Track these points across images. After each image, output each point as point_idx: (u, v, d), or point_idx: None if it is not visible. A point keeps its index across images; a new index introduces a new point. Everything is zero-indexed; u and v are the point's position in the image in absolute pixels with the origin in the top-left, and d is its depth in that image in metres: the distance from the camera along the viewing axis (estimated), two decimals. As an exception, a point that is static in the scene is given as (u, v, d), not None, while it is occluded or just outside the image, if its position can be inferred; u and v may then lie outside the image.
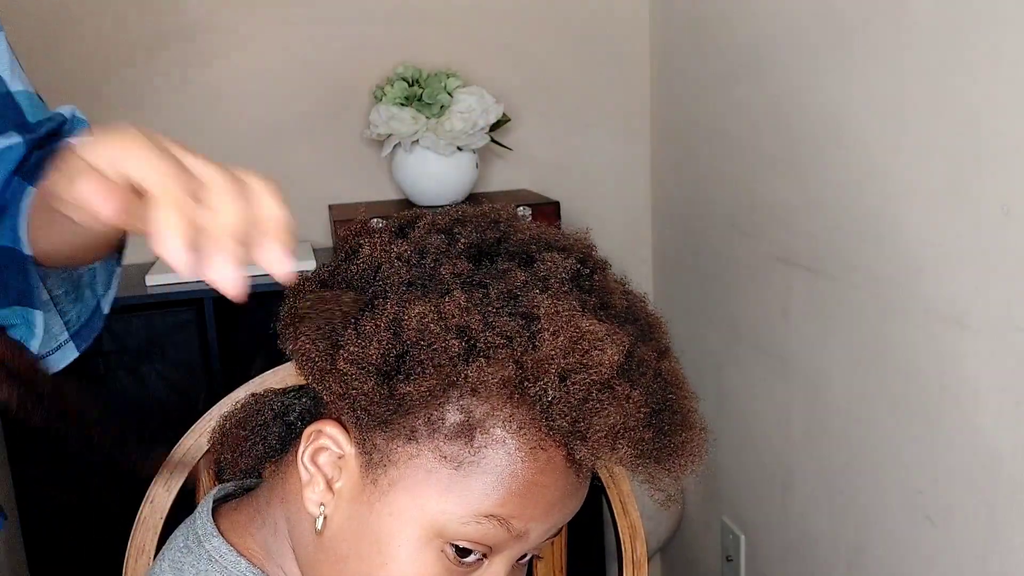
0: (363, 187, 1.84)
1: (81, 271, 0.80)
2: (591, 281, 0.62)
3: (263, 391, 0.74)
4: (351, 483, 0.62)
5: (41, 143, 0.77)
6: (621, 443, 0.57)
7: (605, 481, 0.91)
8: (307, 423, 0.65)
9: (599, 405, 0.56)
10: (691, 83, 1.75)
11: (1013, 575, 1.05)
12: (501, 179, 1.90)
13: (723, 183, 1.66)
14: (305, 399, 0.70)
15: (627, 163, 1.96)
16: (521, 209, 1.64)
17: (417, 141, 1.66)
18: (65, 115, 0.80)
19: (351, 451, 0.62)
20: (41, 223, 0.69)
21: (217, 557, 0.66)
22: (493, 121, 1.69)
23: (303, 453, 0.63)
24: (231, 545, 0.67)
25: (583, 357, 0.56)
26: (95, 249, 0.72)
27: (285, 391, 0.72)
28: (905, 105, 1.15)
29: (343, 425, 0.62)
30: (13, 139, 0.75)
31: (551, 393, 0.56)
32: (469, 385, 0.57)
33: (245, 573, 0.66)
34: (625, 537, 0.92)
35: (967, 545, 1.11)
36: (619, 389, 0.57)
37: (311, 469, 0.63)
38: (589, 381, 0.56)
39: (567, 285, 0.60)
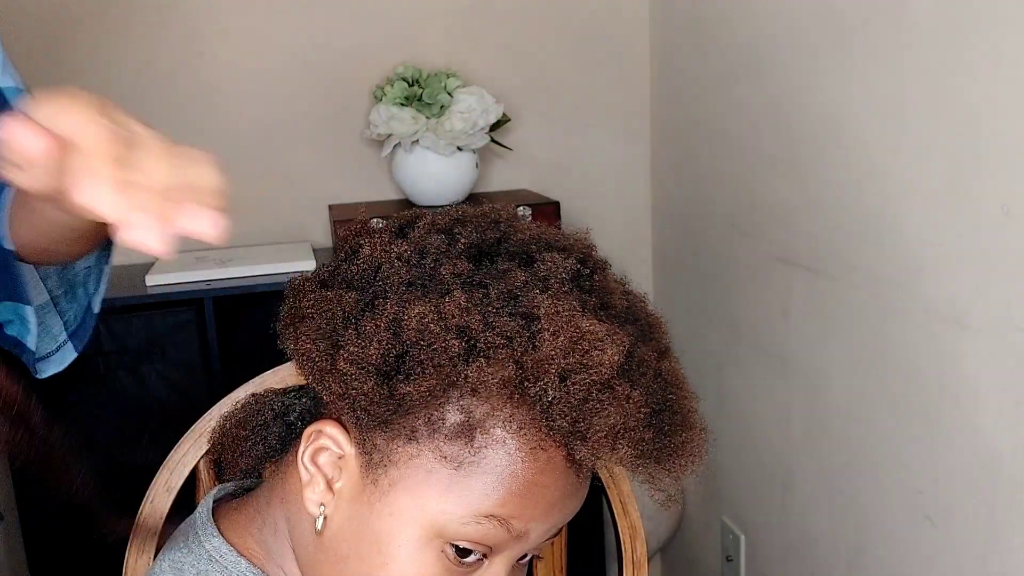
0: (363, 187, 1.84)
1: (77, 269, 0.79)
2: (591, 281, 0.62)
3: (263, 391, 0.74)
4: (351, 483, 0.62)
5: None
6: (621, 443, 0.57)
7: (605, 481, 0.91)
8: (307, 423, 0.65)
9: (599, 405, 0.56)
10: (691, 83, 1.75)
11: (1013, 575, 1.05)
12: (501, 179, 1.90)
13: (723, 183, 1.65)
14: (305, 399, 0.70)
15: (627, 163, 1.95)
16: (521, 209, 1.63)
17: (417, 141, 1.66)
18: None
19: (351, 451, 0.62)
20: (22, 216, 0.69)
21: (217, 557, 0.66)
22: (493, 121, 1.69)
23: (303, 453, 0.63)
24: (231, 545, 0.67)
25: (583, 357, 0.56)
26: (77, 241, 0.71)
27: (285, 391, 0.72)
28: (905, 105, 1.15)
29: (343, 425, 0.62)
30: None
31: (551, 393, 0.56)
32: (469, 385, 0.57)
33: (245, 573, 0.66)
34: (625, 537, 0.92)
35: (967, 545, 1.11)
36: (619, 389, 0.57)
37: (311, 469, 0.63)
38: (589, 381, 0.56)
39: (567, 285, 0.60)
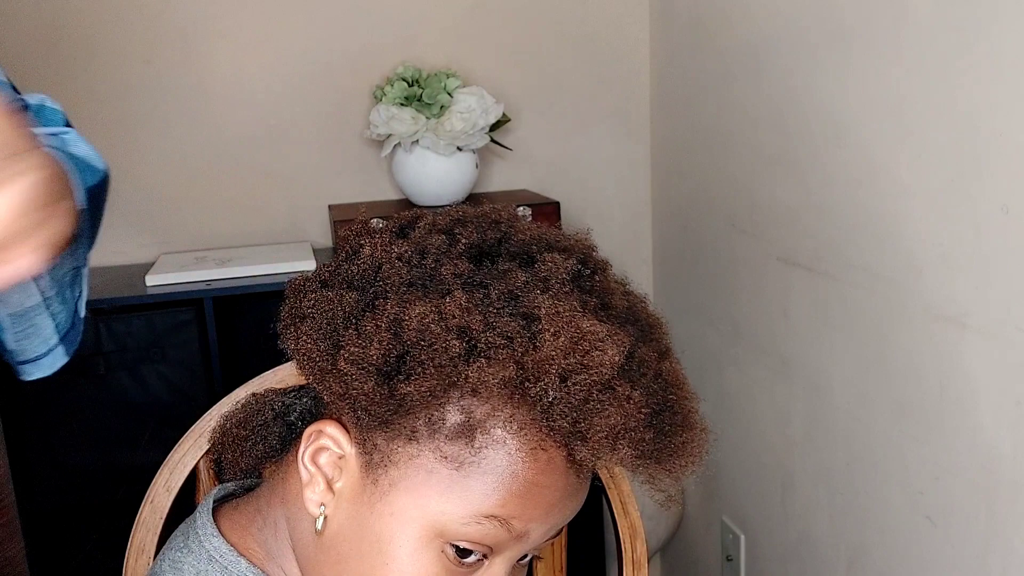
0: (363, 187, 1.84)
1: (65, 269, 0.78)
2: (592, 282, 0.62)
3: (264, 391, 0.74)
4: (351, 483, 0.62)
5: None
6: (622, 444, 0.57)
7: (605, 481, 0.91)
8: (307, 423, 0.65)
9: (600, 406, 0.56)
10: (691, 83, 1.75)
11: (1013, 575, 1.05)
12: (501, 179, 1.90)
13: (723, 183, 1.65)
14: (306, 399, 0.70)
15: (627, 163, 1.96)
16: (521, 209, 1.63)
17: (417, 141, 1.66)
18: (30, 103, 0.77)
19: (351, 451, 0.62)
20: None
21: (217, 557, 0.66)
22: (493, 121, 1.69)
23: (303, 453, 0.63)
24: (231, 545, 0.67)
25: (584, 358, 0.56)
26: None
27: (286, 391, 0.72)
28: (905, 105, 1.15)
29: (343, 425, 0.62)
30: None
31: (552, 393, 0.56)
32: (470, 385, 0.57)
33: (245, 573, 0.66)
34: (625, 537, 0.92)
35: (967, 545, 1.11)
36: (620, 390, 0.57)
37: (311, 469, 0.63)
38: (590, 382, 0.56)
39: (568, 286, 0.60)
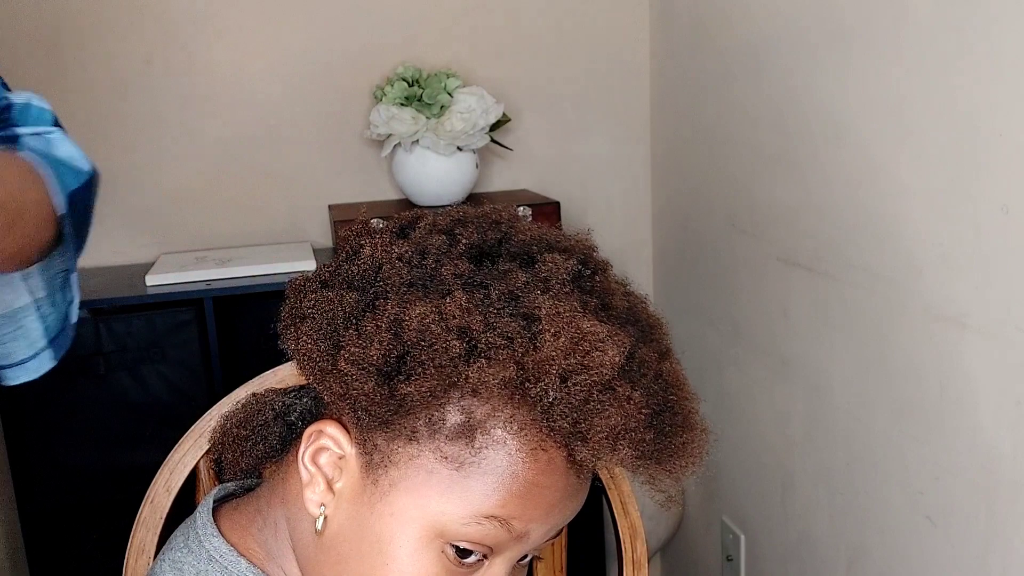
0: (363, 187, 1.84)
1: (55, 270, 0.78)
2: (592, 282, 0.62)
3: (264, 391, 0.74)
4: (351, 483, 0.62)
5: None
6: (622, 444, 0.57)
7: (605, 481, 0.91)
8: (308, 423, 0.65)
9: (600, 406, 0.56)
10: (691, 83, 1.75)
11: (1013, 575, 1.05)
12: (501, 179, 1.90)
13: (723, 183, 1.65)
14: (306, 399, 0.70)
15: (627, 163, 1.96)
16: (521, 209, 1.63)
17: (417, 141, 1.66)
18: (14, 101, 0.76)
19: (352, 451, 0.62)
20: None
21: (217, 557, 0.66)
22: (493, 121, 1.69)
23: (303, 453, 0.63)
24: (231, 545, 0.67)
25: (584, 358, 0.56)
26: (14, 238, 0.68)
27: (286, 391, 0.72)
28: (905, 105, 1.15)
29: (344, 425, 0.62)
30: None
31: (552, 394, 0.56)
32: (470, 386, 0.57)
33: (245, 573, 0.66)
34: (625, 537, 0.92)
35: (967, 545, 1.11)
36: (620, 390, 0.57)
37: (311, 469, 0.63)
38: (590, 382, 0.56)
39: (568, 286, 0.60)
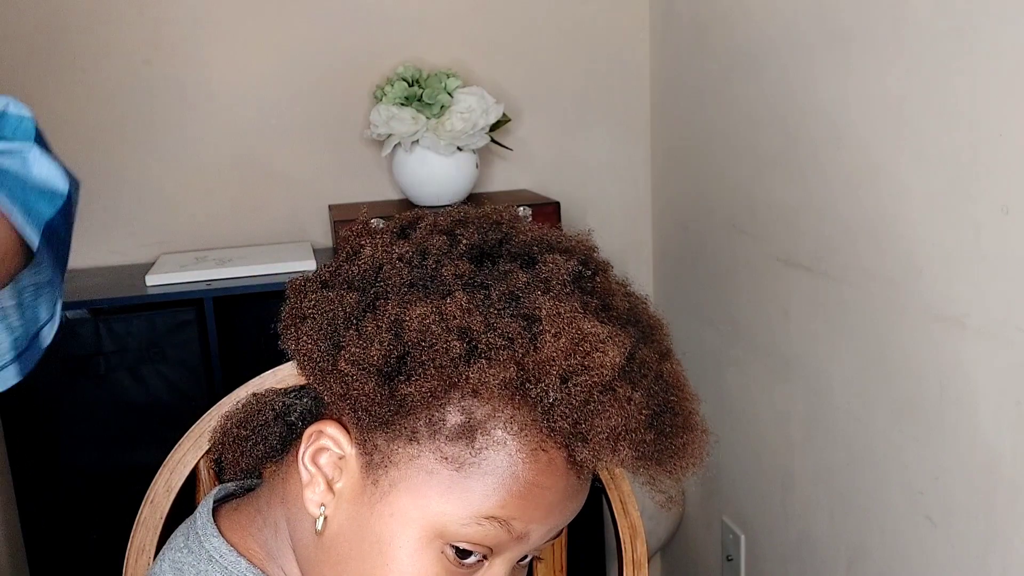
0: (363, 187, 1.84)
1: (24, 284, 0.76)
2: (593, 283, 0.62)
3: (264, 391, 0.74)
4: (351, 484, 0.62)
5: None
6: (622, 445, 0.57)
7: (605, 481, 0.91)
8: (308, 423, 0.65)
9: (600, 407, 0.56)
10: (691, 83, 1.75)
11: (1013, 575, 1.05)
12: (501, 179, 1.90)
13: (723, 183, 1.65)
14: (306, 399, 0.70)
15: (627, 163, 1.96)
16: (521, 209, 1.63)
17: (417, 141, 1.66)
18: None
19: (352, 452, 0.62)
20: None
21: (217, 557, 0.66)
22: (493, 121, 1.69)
23: (304, 453, 0.63)
24: (231, 545, 0.67)
25: (584, 359, 0.56)
26: None
27: (286, 391, 0.72)
28: (905, 105, 1.15)
29: (344, 426, 0.62)
30: None
31: (552, 395, 0.56)
32: (470, 386, 0.57)
33: (245, 573, 0.66)
34: (625, 537, 0.92)
35: (967, 545, 1.11)
36: (620, 391, 0.57)
37: (311, 469, 0.63)
38: (590, 383, 0.56)
39: (569, 287, 0.60)
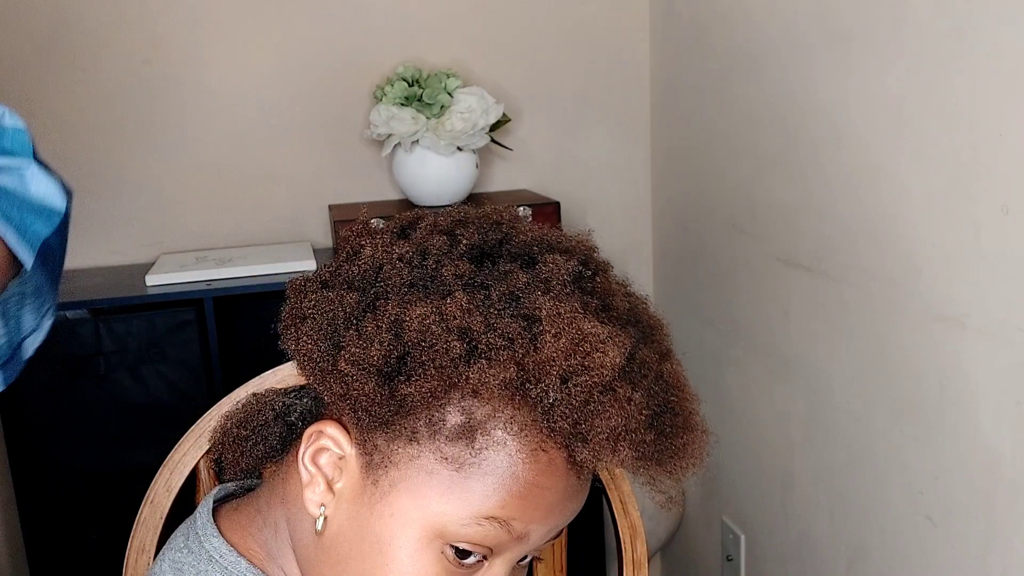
0: (363, 187, 1.84)
1: (9, 292, 0.76)
2: (593, 283, 0.62)
3: (264, 391, 0.74)
4: (351, 484, 0.62)
5: None
6: (622, 445, 0.57)
7: (605, 481, 0.91)
8: (308, 423, 0.65)
9: (600, 407, 0.56)
10: (691, 83, 1.75)
11: (1013, 575, 1.05)
12: (501, 179, 1.90)
13: (723, 183, 1.65)
14: (306, 399, 0.70)
15: (627, 163, 1.96)
16: (521, 209, 1.63)
17: (417, 141, 1.66)
18: None
19: (352, 452, 0.62)
20: None
21: (217, 557, 0.66)
22: (493, 121, 1.69)
23: (304, 454, 0.63)
24: (231, 545, 0.67)
25: (585, 359, 0.56)
26: None
27: (286, 391, 0.72)
28: (905, 105, 1.15)
29: (344, 426, 0.62)
30: None
31: (552, 395, 0.56)
32: (470, 386, 0.57)
33: (245, 573, 0.66)
34: (625, 537, 0.92)
35: (967, 545, 1.11)
36: (620, 391, 0.57)
37: (311, 470, 0.63)
38: (590, 383, 0.56)
39: (569, 287, 0.60)
